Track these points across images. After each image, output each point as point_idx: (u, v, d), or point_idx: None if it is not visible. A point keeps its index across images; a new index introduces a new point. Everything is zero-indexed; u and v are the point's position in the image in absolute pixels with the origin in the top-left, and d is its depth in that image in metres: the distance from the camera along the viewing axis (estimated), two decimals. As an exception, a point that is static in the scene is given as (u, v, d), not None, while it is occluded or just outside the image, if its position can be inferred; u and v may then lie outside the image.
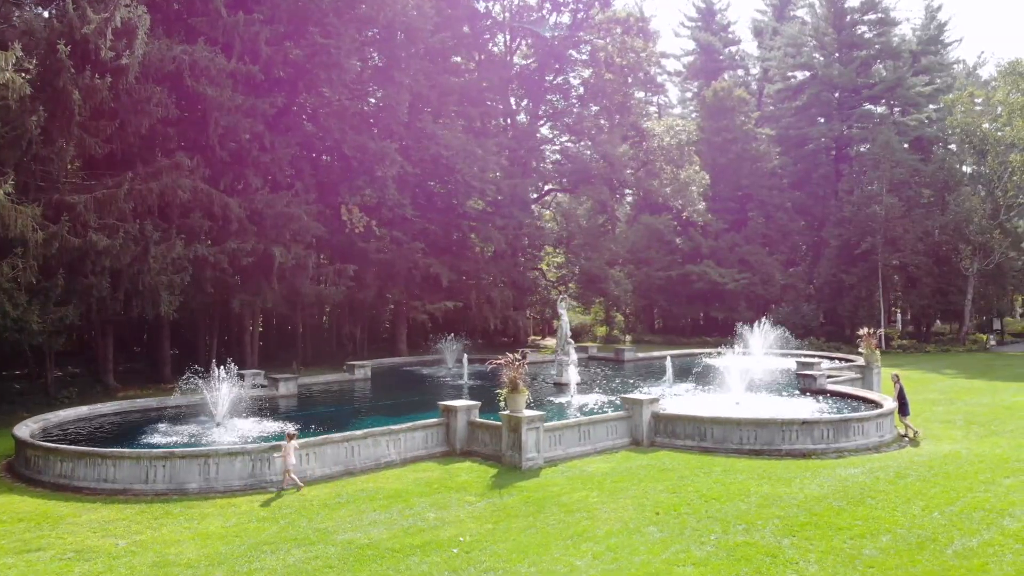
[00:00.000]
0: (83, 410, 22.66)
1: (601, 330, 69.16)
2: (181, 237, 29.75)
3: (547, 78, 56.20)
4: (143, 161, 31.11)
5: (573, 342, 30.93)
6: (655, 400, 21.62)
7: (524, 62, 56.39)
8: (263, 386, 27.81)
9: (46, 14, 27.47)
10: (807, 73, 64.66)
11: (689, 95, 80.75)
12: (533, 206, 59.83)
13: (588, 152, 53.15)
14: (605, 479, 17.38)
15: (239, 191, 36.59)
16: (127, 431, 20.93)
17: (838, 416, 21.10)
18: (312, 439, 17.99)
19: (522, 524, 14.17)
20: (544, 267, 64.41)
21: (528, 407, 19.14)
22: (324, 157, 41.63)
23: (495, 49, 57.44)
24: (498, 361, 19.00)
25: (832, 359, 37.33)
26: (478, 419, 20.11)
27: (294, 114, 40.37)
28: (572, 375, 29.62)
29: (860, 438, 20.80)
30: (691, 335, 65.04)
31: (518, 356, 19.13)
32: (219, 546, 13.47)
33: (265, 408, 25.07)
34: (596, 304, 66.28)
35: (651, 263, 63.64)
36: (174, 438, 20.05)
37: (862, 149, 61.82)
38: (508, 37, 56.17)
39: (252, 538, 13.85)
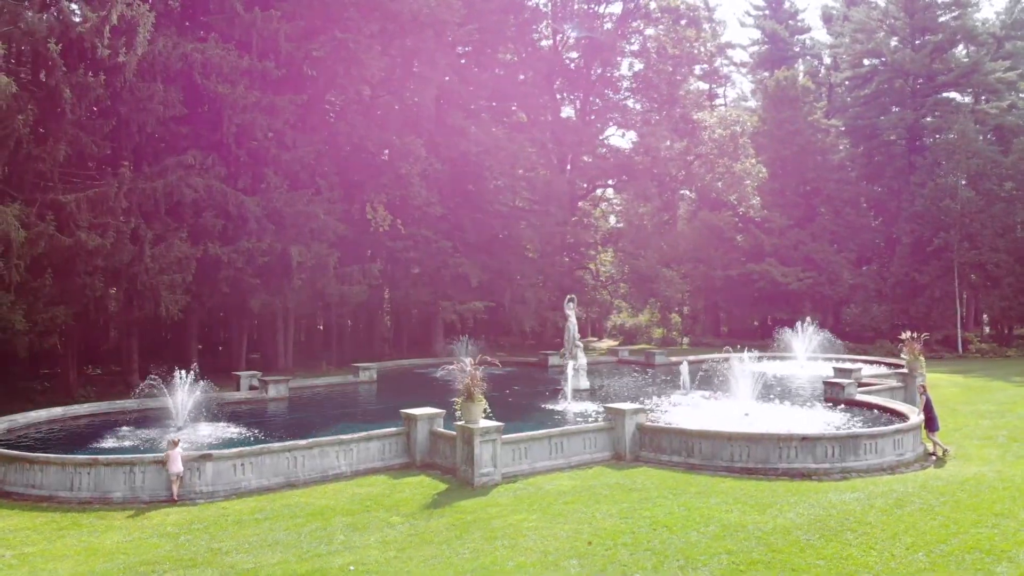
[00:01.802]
0: (57, 411, 22.31)
1: (658, 332, 66.61)
2: (181, 236, 29.25)
3: (594, 70, 54.22)
4: (150, 159, 30.91)
5: (581, 345, 29.08)
6: (640, 410, 19.67)
7: (569, 54, 54.55)
8: (253, 388, 27.06)
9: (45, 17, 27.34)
10: (877, 60, 60.44)
11: (756, 86, 77.10)
12: (581, 203, 57.98)
13: (634, 146, 50.85)
14: (557, 499, 15.66)
15: (261, 190, 36.13)
16: (89, 434, 20.40)
17: (845, 432, 18.71)
18: (248, 448, 16.92)
19: (429, 553, 12.64)
20: (594, 266, 62.34)
21: (487, 416, 17.53)
22: (348, 155, 40.82)
23: (543, 43, 55.92)
24: (451, 366, 17.45)
25: (879, 364, 34.26)
26: (440, 429, 18.64)
27: (317, 111, 39.78)
28: (581, 380, 27.90)
29: (872, 457, 18.37)
30: (759, 338, 61.76)
31: (474, 361, 17.56)
32: (98, 564, 12.50)
33: (247, 412, 24.29)
34: (650, 305, 63.69)
35: (710, 262, 60.80)
36: (128, 442, 19.36)
37: (936, 139, 57.29)
38: (551, 28, 54.46)
39: (138, 556, 12.81)
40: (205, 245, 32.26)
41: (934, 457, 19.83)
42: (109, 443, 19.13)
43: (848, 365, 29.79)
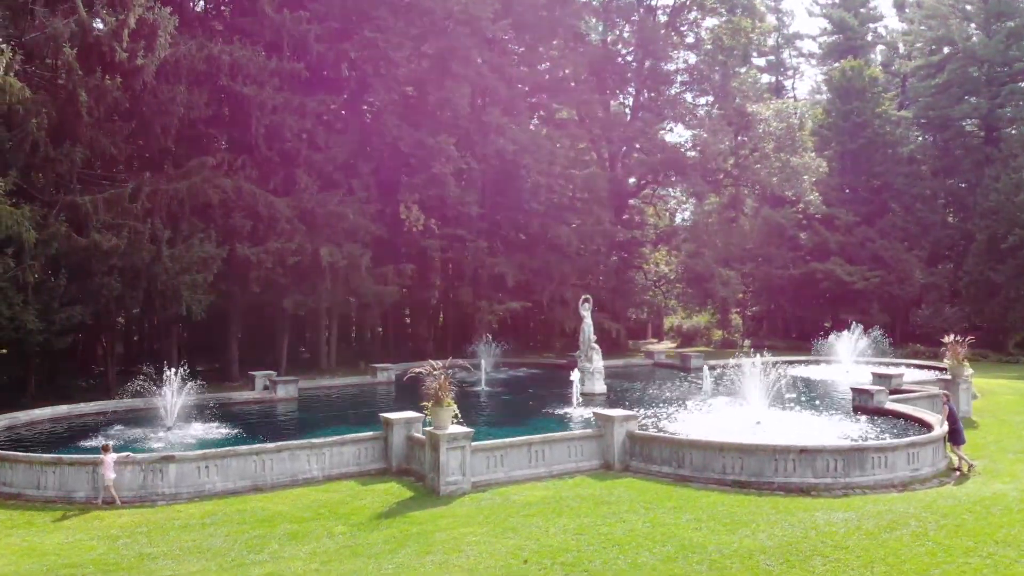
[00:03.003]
0: (62, 409, 22.68)
1: (717, 334, 64.48)
2: (200, 236, 29.48)
3: (646, 64, 52.69)
4: (178, 161, 31.34)
5: (597, 348, 27.95)
6: (631, 417, 18.57)
7: (620, 48, 53.22)
8: (266, 388, 27.03)
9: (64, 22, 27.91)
10: (950, 48, 56.90)
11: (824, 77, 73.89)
12: (633, 200, 56.55)
13: (685, 141, 49.22)
14: (518, 512, 14.80)
15: (295, 191, 36.24)
16: (84, 433, 20.57)
17: (849, 445, 17.20)
18: (213, 451, 16.67)
19: (352, 567, 11.99)
20: (649, 266, 60.70)
21: (456, 421, 16.79)
22: (383, 155, 40.67)
23: (592, 37, 54.77)
24: (417, 370, 16.80)
25: (931, 369, 31.98)
26: (416, 434, 17.98)
27: (352, 112, 39.79)
28: (596, 384, 26.87)
29: (882, 472, 16.84)
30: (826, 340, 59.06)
31: (443, 364, 16.86)
32: (25, 564, 12.39)
33: (250, 413, 24.24)
34: (708, 306, 61.66)
35: (773, 261, 58.44)
36: (111, 442, 19.36)
37: (1012, 132, 53.48)
38: (601, 22, 53.26)
39: (69, 558, 12.63)
40: (233, 245, 32.51)
41: (958, 473, 18.12)
42: (94, 443, 19.19)
43: (890, 371, 27.77)
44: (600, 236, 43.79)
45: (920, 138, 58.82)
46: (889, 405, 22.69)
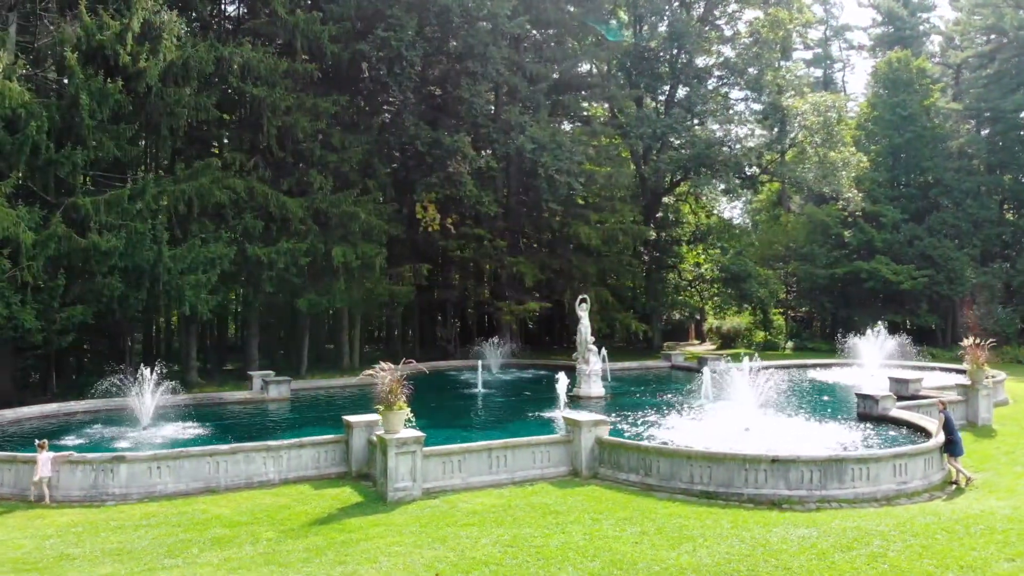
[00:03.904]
0: (50, 407, 22.97)
1: (759, 335, 62.59)
2: (203, 236, 29.67)
3: (679, 58, 51.39)
4: (187, 162, 31.63)
5: (595, 349, 27.11)
6: (600, 422, 17.78)
7: (651, 43, 51.99)
8: (261, 388, 26.98)
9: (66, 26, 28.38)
10: (1001, 38, 54.03)
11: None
12: (666, 198, 55.29)
13: (716, 136, 47.69)
14: (459, 520, 14.22)
15: (310, 191, 36.26)
16: (65, 431, 20.73)
17: (825, 455, 16.07)
18: (165, 452, 16.53)
19: None
20: (685, 266, 59.26)
21: (406, 426, 16.28)
22: (399, 154, 40.49)
23: (625, 32, 53.70)
24: (369, 372, 16.33)
25: (955, 372, 30.19)
26: (374, 438, 17.53)
27: (366, 111, 39.69)
28: (593, 386, 26.06)
29: (863, 485, 15.73)
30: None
31: (392, 365, 16.37)
32: (-57, 567, 12.31)
33: (235, 413, 24.19)
34: (746, 307, 59.86)
35: (815, 260, 56.45)
36: (81, 440, 19.52)
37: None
38: (632, 15, 52.17)
39: (-12, 560, 12.54)
40: (243, 246, 32.68)
41: (954, 486, 16.85)
42: (67, 441, 19.31)
43: (909, 375, 26.24)
44: (624, 234, 42.73)
45: (971, 131, 55.93)
46: (895, 412, 21.34)
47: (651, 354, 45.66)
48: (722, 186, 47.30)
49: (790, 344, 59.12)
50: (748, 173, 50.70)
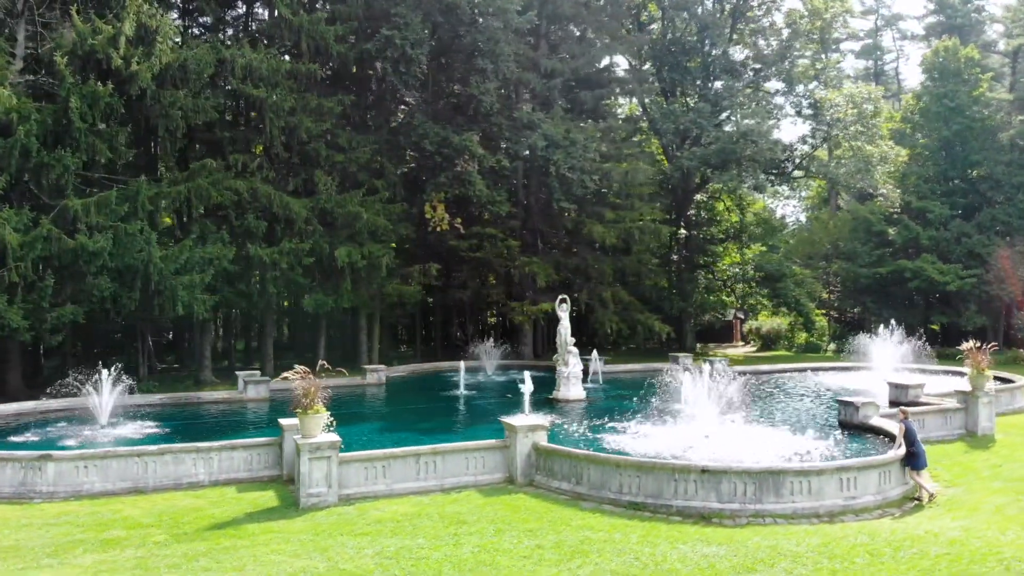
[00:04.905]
0: (28, 405, 23.44)
1: (801, 337, 60.36)
2: (193, 236, 29.99)
3: (709, 51, 49.94)
4: (181, 164, 32.05)
5: (576, 350, 26.26)
6: (538, 427, 17.08)
7: (679, 36, 50.66)
8: (243, 387, 27.05)
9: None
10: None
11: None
12: (698, 195, 53.78)
13: (744, 130, 46.05)
14: (354, 530, 13.79)
15: (317, 191, 36.38)
16: (25, 428, 21.11)
17: (761, 467, 15.00)
18: (92, 451, 16.58)
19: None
20: (721, 266, 57.54)
21: (329, 429, 15.89)
22: (416, 153, 40.28)
23: (653, 26, 52.51)
24: (287, 375, 16.01)
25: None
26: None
27: (374, 111, 39.62)
28: (572, 389, 25.29)
29: (804, 499, 14.68)
30: (933, 344, 53.87)
31: (307, 369, 16.01)
32: None
33: (211, 412, 24.26)
34: (783, 308, 57.77)
35: (857, 258, 54.08)
36: (33, 438, 19.80)
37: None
38: (661, 9, 50.92)
39: None
40: (245, 246, 32.95)
41: (915, 502, 15.59)
42: (29, 438, 19.64)
43: (910, 380, 24.67)
44: (641, 233, 41.60)
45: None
46: (875, 421, 19.96)
47: (674, 356, 44.39)
48: (748, 183, 45.43)
49: (832, 346, 56.81)
50: (779, 169, 48.78)
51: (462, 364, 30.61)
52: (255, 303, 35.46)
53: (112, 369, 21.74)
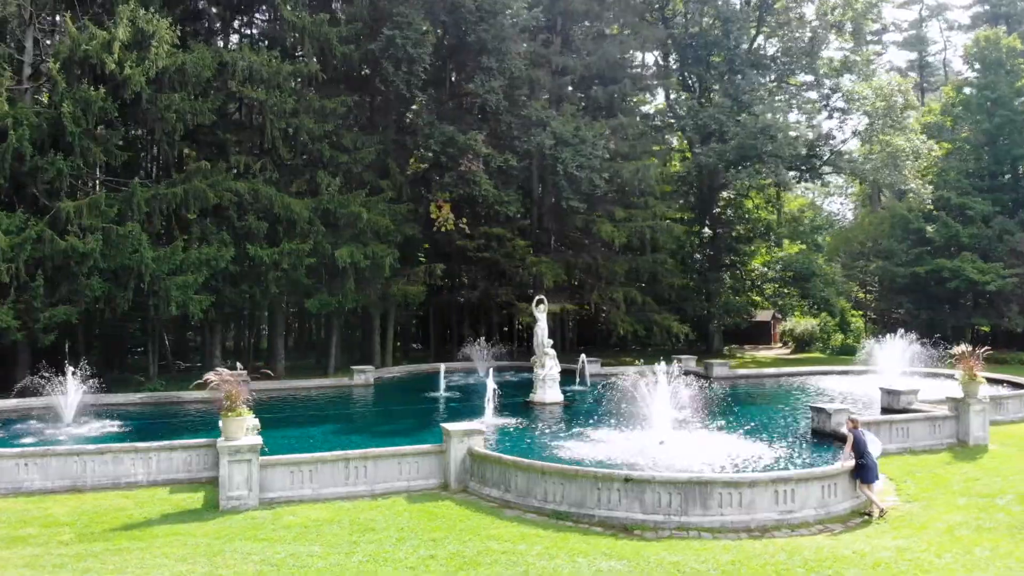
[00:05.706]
0: (10, 403, 23.95)
1: (836, 339, 58.28)
2: (185, 238, 30.34)
3: (732, 44, 48.54)
4: (180, 165, 32.49)
5: (553, 352, 25.63)
6: (474, 432, 16.64)
7: (700, 29, 49.40)
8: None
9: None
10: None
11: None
12: (724, 193, 52.42)
13: (765, 125, 44.64)
14: (257, 535, 13.58)
15: (320, 191, 36.44)
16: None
17: (686, 477, 14.25)
18: (32, 449, 16.77)
19: (-7, 582, 11.40)
20: (752, 266, 55.94)
21: (254, 432, 15.73)
22: (427, 152, 40.12)
23: (677, 19, 51.40)
24: (210, 377, 15.88)
25: (993, 382, 26.78)
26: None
27: (378, 111, 39.59)
28: (548, 391, 24.75)
29: (733, 512, 13.94)
30: (985, 346, 51.36)
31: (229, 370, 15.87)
32: None
33: (182, 413, 24.50)
34: (813, 308, 55.87)
35: (894, 257, 52.03)
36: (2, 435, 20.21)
37: None
38: (680, 3, 49.80)
39: None
40: (244, 247, 33.22)
41: (864, 517, 14.65)
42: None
43: (908, 385, 23.41)
44: (652, 231, 40.64)
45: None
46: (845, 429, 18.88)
47: (696, 358, 43.27)
48: (769, 179, 43.92)
49: (866, 348, 54.74)
50: (807, 165, 47.14)
51: (442, 367, 30.25)
52: (259, 303, 35.72)
53: (78, 369, 22.05)
